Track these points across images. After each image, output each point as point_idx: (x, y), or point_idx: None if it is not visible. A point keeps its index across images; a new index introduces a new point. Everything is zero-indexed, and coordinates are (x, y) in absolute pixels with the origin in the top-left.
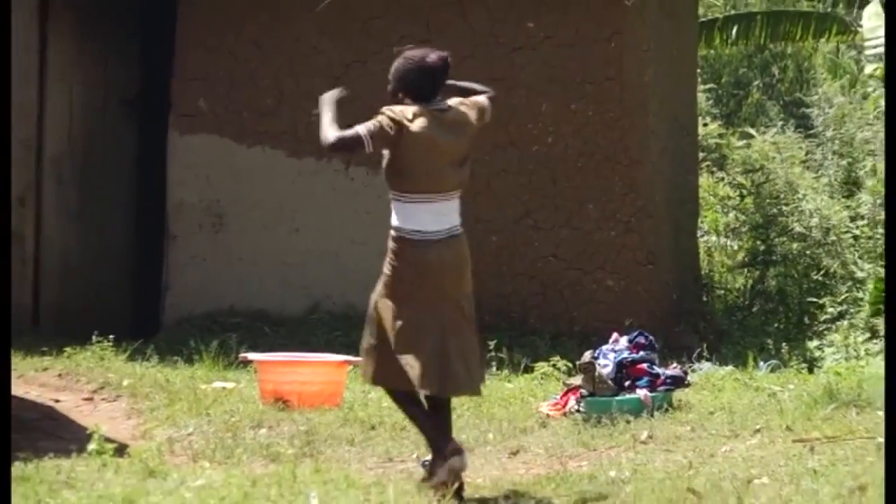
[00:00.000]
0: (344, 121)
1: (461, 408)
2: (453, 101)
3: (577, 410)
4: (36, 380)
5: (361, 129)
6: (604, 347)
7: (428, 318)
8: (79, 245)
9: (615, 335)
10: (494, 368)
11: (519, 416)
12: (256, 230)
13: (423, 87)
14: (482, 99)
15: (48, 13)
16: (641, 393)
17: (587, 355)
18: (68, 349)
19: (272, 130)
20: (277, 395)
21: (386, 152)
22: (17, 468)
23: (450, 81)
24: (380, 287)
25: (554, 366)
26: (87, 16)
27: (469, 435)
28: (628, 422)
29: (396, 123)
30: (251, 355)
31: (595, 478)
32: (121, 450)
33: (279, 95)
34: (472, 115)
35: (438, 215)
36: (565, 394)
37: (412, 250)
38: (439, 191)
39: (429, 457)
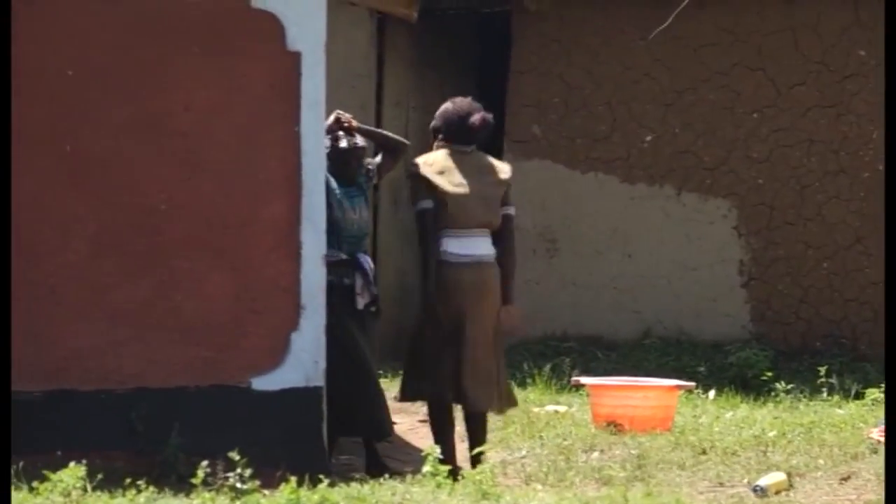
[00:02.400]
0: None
1: (791, 433)
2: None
3: None
4: None
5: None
6: None
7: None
8: (415, 267)
9: None
10: (825, 394)
11: (850, 442)
12: (589, 255)
13: (459, 137)
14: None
15: (385, 40)
16: None
17: None
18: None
19: (605, 156)
20: (610, 418)
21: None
22: (353, 489)
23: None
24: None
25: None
26: (424, 42)
27: (800, 461)
28: None
29: (419, 179)
30: (584, 379)
31: None
32: (454, 472)
33: (612, 122)
34: (501, 172)
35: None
36: None
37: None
38: (467, 225)
39: (760, 482)
